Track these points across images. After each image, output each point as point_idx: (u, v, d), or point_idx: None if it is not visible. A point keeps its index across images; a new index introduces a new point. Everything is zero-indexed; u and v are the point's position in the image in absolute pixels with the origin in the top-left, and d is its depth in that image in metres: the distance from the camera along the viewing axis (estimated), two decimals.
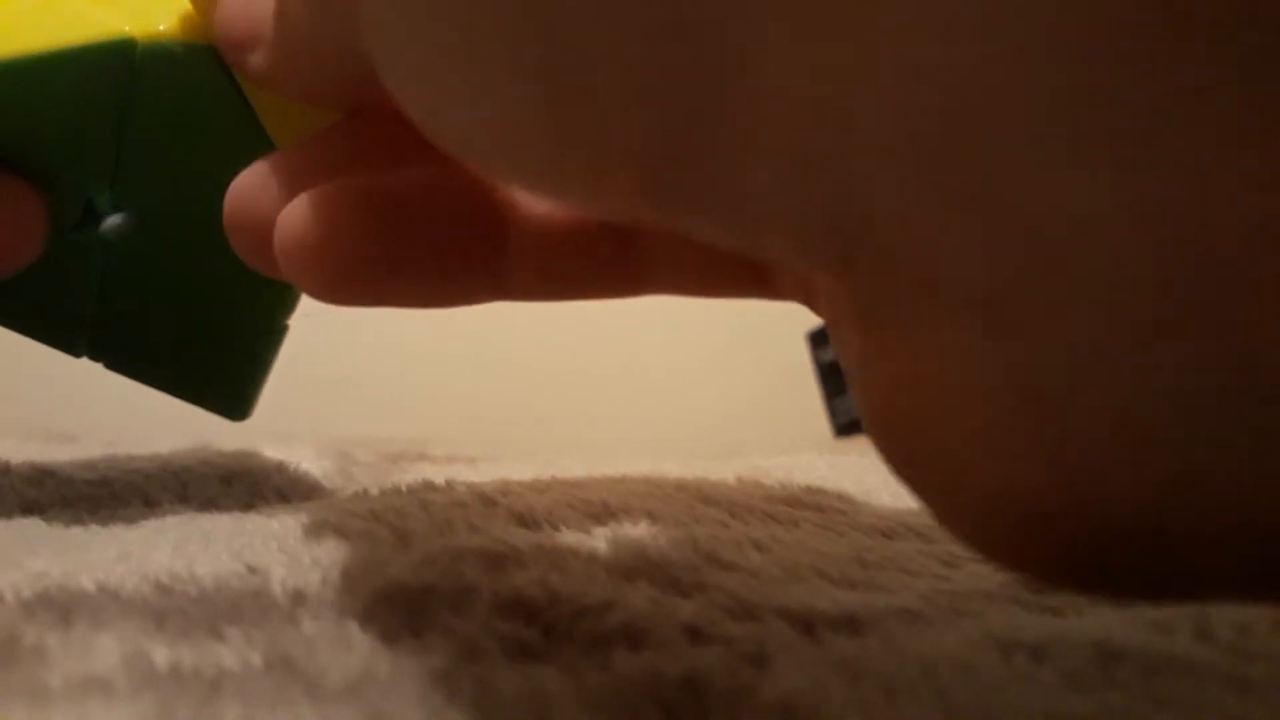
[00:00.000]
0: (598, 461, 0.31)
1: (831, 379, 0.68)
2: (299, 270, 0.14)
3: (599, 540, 0.16)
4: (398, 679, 0.10)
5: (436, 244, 0.15)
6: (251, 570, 0.14)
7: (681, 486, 0.21)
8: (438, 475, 0.23)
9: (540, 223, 0.15)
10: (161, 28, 0.17)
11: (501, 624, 0.12)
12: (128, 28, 0.17)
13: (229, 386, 0.22)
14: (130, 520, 0.19)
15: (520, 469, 0.26)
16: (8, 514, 0.20)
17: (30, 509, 0.20)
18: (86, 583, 0.13)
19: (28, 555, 0.15)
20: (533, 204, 0.15)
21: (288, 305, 0.21)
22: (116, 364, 0.21)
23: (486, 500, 0.18)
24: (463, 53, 0.09)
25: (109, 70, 0.17)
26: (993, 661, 0.12)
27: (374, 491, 0.20)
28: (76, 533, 0.17)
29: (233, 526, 0.17)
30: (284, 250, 0.14)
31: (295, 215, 0.14)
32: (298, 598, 0.13)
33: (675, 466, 0.27)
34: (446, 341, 0.58)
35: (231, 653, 0.11)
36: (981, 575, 0.16)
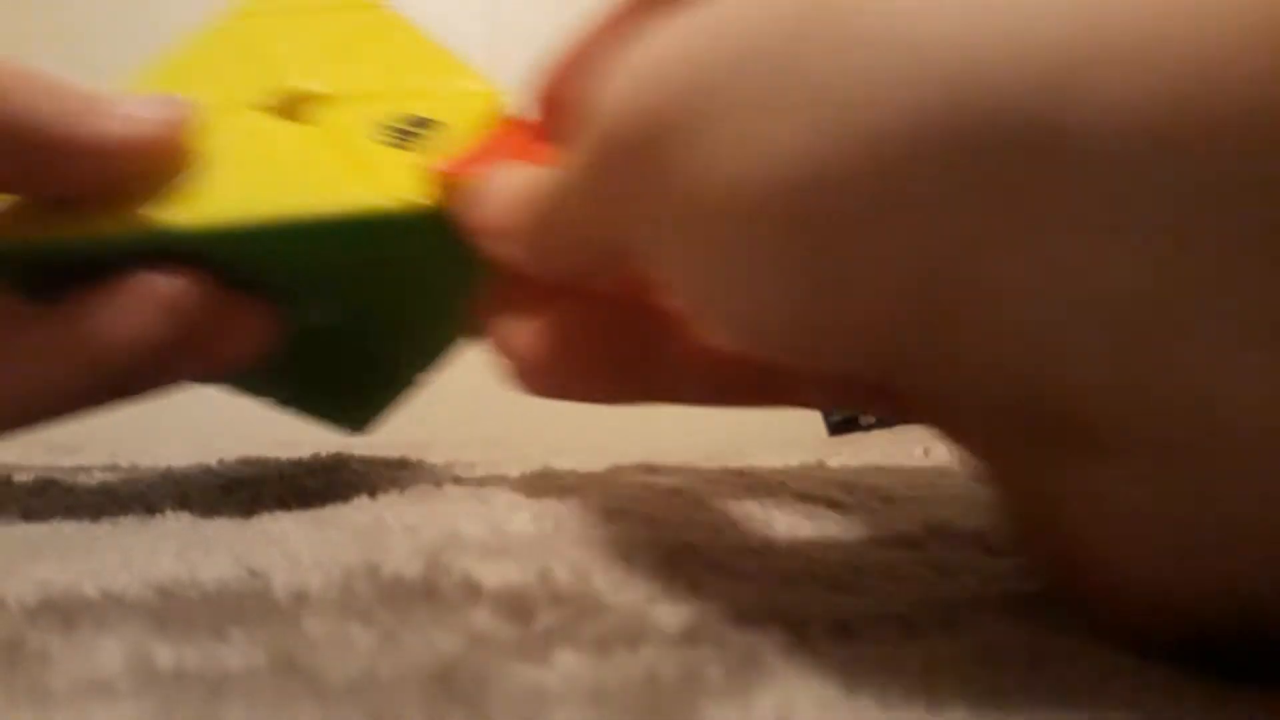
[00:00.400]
0: (594, 465, 0.31)
1: None
2: (517, 379, 0.19)
3: (596, 543, 0.16)
4: (399, 678, 0.11)
5: (615, 365, 0.19)
6: (253, 573, 0.14)
7: (677, 490, 0.21)
8: (431, 478, 0.23)
9: (702, 349, 0.19)
10: (406, 197, 0.20)
11: (502, 624, 0.12)
12: (376, 199, 0.19)
13: (365, 416, 0.26)
14: (132, 528, 0.19)
15: (518, 473, 0.26)
16: (11, 522, 0.20)
17: (33, 517, 0.20)
18: (89, 589, 0.14)
19: (31, 563, 0.15)
20: (697, 335, 0.19)
21: (434, 366, 0.25)
22: (260, 393, 0.24)
23: (484, 501, 0.18)
24: (745, 267, 0.12)
25: (355, 232, 0.20)
26: (986, 671, 0.12)
27: (374, 496, 0.20)
28: (79, 540, 0.18)
29: (234, 532, 0.17)
30: (511, 368, 0.19)
31: (517, 344, 0.18)
32: (300, 599, 0.13)
33: (671, 469, 0.28)
34: None
35: (234, 653, 0.11)
36: (971, 585, 0.16)
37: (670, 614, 0.13)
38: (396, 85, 0.22)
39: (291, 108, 0.22)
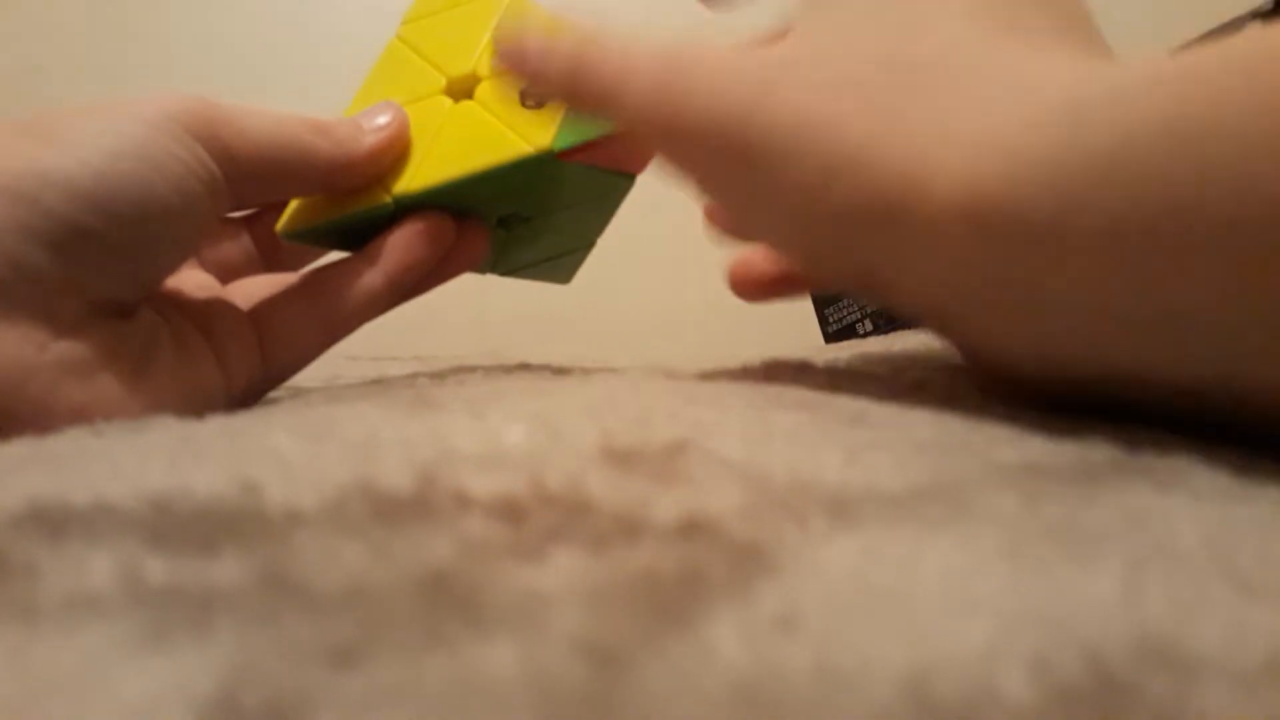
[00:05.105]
0: (590, 367, 0.31)
1: (823, 291, 0.70)
2: (735, 285, 0.34)
3: (592, 440, 0.15)
4: (391, 587, 0.10)
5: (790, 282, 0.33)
6: (246, 486, 0.14)
7: (675, 390, 0.21)
8: (429, 391, 0.22)
9: None
10: (548, 143, 0.30)
11: (496, 527, 0.12)
12: (531, 147, 0.30)
13: (564, 275, 0.40)
14: (123, 438, 0.18)
15: (512, 382, 0.25)
16: None
17: None
18: (79, 499, 0.13)
19: (17, 473, 0.15)
20: None
21: (593, 240, 0.38)
22: (497, 272, 0.38)
23: (479, 416, 0.18)
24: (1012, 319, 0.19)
25: (523, 170, 0.31)
26: (1003, 566, 0.11)
27: (366, 405, 0.20)
28: (68, 451, 0.17)
29: (227, 443, 0.17)
30: (733, 278, 0.34)
31: (737, 263, 0.34)
32: (292, 513, 0.13)
33: (666, 369, 0.27)
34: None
35: (225, 568, 0.11)
36: (972, 465, 0.15)
37: (668, 510, 0.12)
38: None
39: (460, 88, 0.33)
